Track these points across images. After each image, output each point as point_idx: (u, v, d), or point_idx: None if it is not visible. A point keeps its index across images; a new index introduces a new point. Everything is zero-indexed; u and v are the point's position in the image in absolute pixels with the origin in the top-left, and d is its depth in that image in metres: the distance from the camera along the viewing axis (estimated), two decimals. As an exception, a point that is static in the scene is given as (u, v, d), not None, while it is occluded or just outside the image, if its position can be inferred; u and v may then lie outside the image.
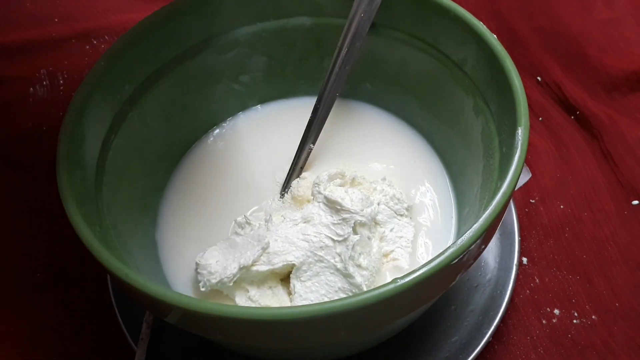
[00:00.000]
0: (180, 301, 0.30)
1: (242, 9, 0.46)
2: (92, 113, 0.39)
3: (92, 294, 0.50)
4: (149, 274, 0.40)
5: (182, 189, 0.48)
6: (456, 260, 0.30)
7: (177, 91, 0.46)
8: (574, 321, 0.46)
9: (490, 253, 0.47)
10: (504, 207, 0.33)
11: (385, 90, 0.50)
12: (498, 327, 0.44)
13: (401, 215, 0.43)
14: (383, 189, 0.43)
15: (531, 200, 0.53)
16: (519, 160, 0.34)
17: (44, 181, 0.56)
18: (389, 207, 0.43)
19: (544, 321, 0.46)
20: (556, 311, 0.47)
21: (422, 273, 0.29)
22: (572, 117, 0.58)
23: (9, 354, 0.47)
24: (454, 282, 0.34)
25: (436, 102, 0.46)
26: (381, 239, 0.41)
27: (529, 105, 0.37)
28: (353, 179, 0.44)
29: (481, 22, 0.40)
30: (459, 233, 0.43)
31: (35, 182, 0.56)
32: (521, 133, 0.35)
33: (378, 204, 0.42)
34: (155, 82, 0.45)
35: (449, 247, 0.30)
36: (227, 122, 0.51)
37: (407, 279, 0.29)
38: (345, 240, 0.38)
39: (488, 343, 0.44)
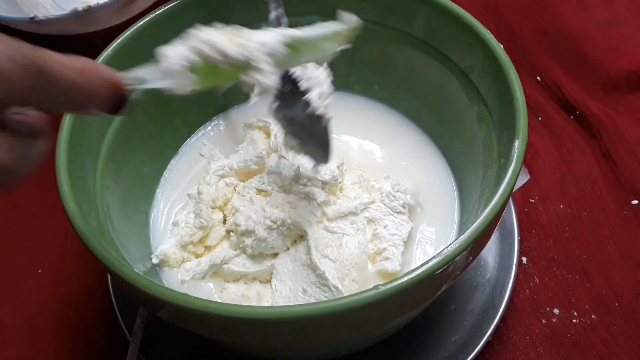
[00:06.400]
0: (173, 297, 0.30)
1: (253, 7, 0.47)
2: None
3: (92, 288, 0.50)
4: (145, 270, 0.41)
5: (178, 178, 0.49)
6: (440, 271, 0.30)
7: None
8: (574, 321, 0.46)
9: (490, 253, 0.47)
10: (492, 222, 0.32)
11: (394, 92, 0.50)
12: (498, 327, 0.44)
13: (398, 212, 0.43)
14: (381, 187, 0.43)
15: (531, 200, 0.53)
16: (511, 175, 0.34)
17: (44, 178, 0.56)
18: (384, 205, 0.43)
19: (543, 321, 0.46)
20: (556, 311, 0.47)
21: (404, 282, 0.30)
22: (572, 116, 0.58)
23: (9, 351, 0.48)
24: (440, 292, 0.34)
25: (443, 107, 0.47)
26: (374, 236, 0.42)
27: (529, 105, 0.38)
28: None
29: (489, 31, 0.40)
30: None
31: (36, 178, 0.56)
32: (518, 146, 0.35)
33: (373, 202, 0.42)
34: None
35: (433, 257, 0.31)
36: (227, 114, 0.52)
37: (389, 286, 0.29)
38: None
39: (488, 342, 0.44)
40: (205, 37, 0.29)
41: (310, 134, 0.37)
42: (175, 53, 0.28)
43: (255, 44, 0.29)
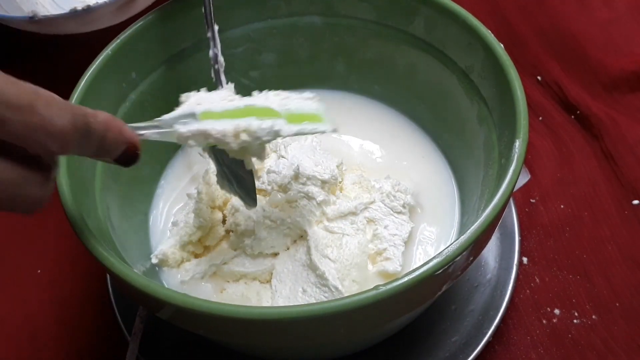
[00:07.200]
0: (172, 297, 0.30)
1: (254, 5, 0.47)
2: (95, 99, 0.39)
3: (92, 288, 0.50)
4: (145, 271, 0.41)
5: (178, 178, 0.49)
6: (441, 271, 0.30)
7: (184, 82, 0.47)
8: (574, 321, 0.46)
9: (491, 253, 0.47)
10: (492, 222, 0.32)
11: (394, 92, 0.50)
12: (498, 327, 0.44)
13: (398, 212, 0.43)
14: (381, 187, 0.43)
15: (531, 200, 0.52)
16: (512, 175, 0.34)
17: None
18: (384, 205, 0.43)
19: (544, 321, 0.46)
20: (556, 311, 0.47)
21: (405, 282, 0.30)
22: (573, 116, 0.58)
23: (9, 351, 0.48)
24: (440, 292, 0.34)
25: (443, 107, 0.47)
26: (374, 236, 0.42)
27: (529, 105, 0.37)
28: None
29: (489, 31, 0.40)
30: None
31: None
32: (518, 146, 0.35)
33: (373, 202, 0.42)
34: (162, 72, 0.45)
35: (434, 258, 0.31)
36: None
37: (389, 287, 0.29)
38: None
39: (488, 343, 0.44)
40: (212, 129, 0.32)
41: (236, 177, 0.37)
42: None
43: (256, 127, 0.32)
